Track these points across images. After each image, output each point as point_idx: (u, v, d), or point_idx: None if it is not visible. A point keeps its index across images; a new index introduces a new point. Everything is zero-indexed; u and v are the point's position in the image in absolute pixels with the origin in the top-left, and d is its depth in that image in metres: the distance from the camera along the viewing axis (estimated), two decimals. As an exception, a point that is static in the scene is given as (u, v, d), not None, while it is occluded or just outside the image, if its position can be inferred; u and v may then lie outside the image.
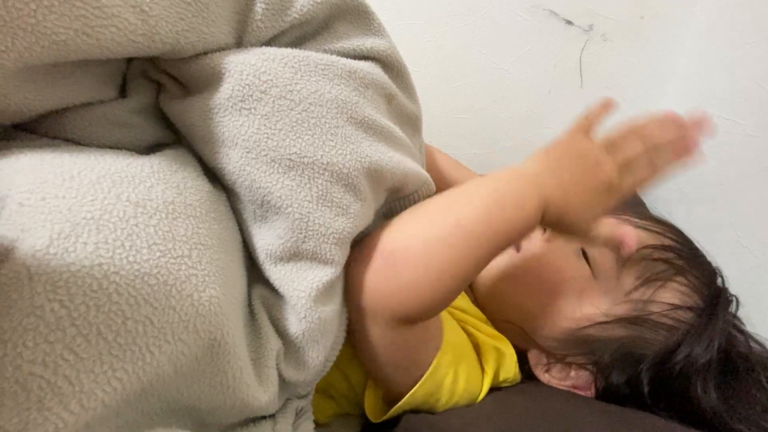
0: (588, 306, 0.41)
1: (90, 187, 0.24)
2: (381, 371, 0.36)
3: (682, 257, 0.42)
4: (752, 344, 0.42)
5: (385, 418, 0.38)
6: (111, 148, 0.30)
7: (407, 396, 0.36)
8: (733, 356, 0.39)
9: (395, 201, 0.38)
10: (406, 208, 0.38)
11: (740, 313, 0.43)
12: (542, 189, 0.32)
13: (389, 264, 0.31)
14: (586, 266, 0.42)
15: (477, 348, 0.42)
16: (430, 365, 0.36)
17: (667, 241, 0.43)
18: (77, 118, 0.30)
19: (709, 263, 0.44)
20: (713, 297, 0.41)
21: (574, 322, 0.41)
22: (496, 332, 0.43)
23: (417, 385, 0.36)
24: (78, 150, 0.28)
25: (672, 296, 0.40)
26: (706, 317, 0.39)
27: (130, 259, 0.23)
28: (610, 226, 0.36)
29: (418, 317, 0.33)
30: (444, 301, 0.33)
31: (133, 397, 0.22)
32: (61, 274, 0.20)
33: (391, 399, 0.38)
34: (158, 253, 0.24)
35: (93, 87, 0.30)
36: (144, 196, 0.26)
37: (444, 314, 0.40)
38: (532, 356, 0.44)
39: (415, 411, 0.39)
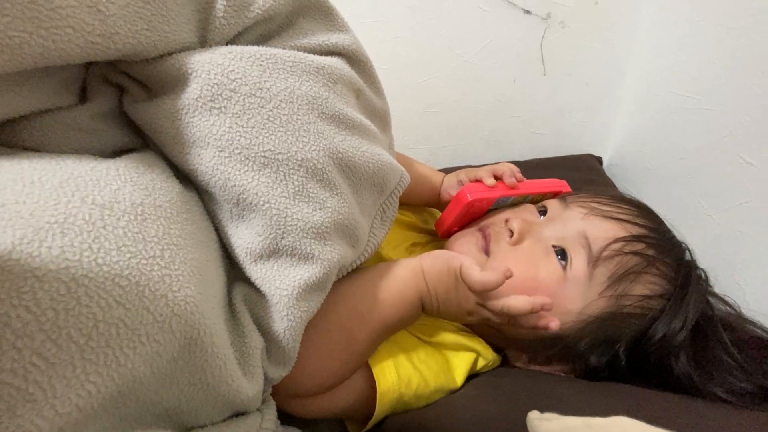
0: (561, 311, 0.40)
1: (52, 191, 0.24)
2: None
3: (653, 245, 0.42)
4: (719, 305, 0.44)
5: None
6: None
7: (370, 422, 0.38)
8: (699, 320, 0.41)
9: (384, 202, 0.39)
10: (394, 207, 0.39)
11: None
12: (423, 299, 0.39)
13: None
14: (557, 267, 0.41)
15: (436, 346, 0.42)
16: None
17: (636, 230, 0.43)
18: (35, 126, 0.29)
19: (678, 243, 0.45)
20: (684, 278, 0.42)
21: None
22: (458, 337, 0.43)
23: (374, 416, 0.38)
24: (38, 156, 0.27)
25: (644, 288, 0.41)
26: (678, 299, 0.40)
27: (99, 261, 0.22)
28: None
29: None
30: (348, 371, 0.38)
31: (109, 400, 0.22)
32: (26, 280, 0.20)
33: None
34: (128, 255, 0.24)
35: (50, 93, 0.29)
36: (111, 198, 0.25)
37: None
38: (511, 353, 0.45)
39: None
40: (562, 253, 0.42)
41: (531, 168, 0.68)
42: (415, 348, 0.41)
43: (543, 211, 0.47)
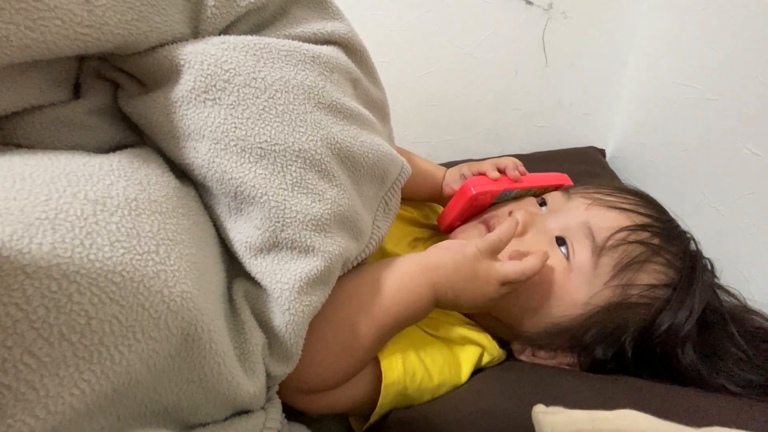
0: (566, 301, 0.40)
1: (43, 187, 0.23)
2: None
3: (657, 234, 0.41)
4: (725, 297, 0.43)
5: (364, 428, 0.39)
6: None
7: (373, 415, 0.38)
8: (706, 312, 0.40)
9: (386, 194, 0.38)
10: (396, 199, 0.39)
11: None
12: (437, 292, 0.38)
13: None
14: (562, 257, 0.41)
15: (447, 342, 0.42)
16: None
17: (640, 219, 0.42)
18: (28, 122, 0.28)
19: (683, 232, 0.44)
20: (689, 267, 0.41)
21: (554, 318, 0.41)
22: (464, 331, 0.43)
23: (377, 408, 0.37)
24: (29, 153, 0.26)
25: (649, 277, 0.40)
26: (684, 288, 0.40)
27: (91, 257, 0.22)
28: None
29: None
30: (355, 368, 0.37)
31: (104, 399, 0.21)
32: (15, 277, 0.19)
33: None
34: (122, 250, 0.23)
35: (43, 89, 0.29)
36: (103, 193, 0.25)
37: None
38: (515, 347, 0.44)
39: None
40: (564, 244, 0.42)
41: (534, 161, 0.67)
42: (423, 341, 0.40)
43: (542, 204, 0.47)
